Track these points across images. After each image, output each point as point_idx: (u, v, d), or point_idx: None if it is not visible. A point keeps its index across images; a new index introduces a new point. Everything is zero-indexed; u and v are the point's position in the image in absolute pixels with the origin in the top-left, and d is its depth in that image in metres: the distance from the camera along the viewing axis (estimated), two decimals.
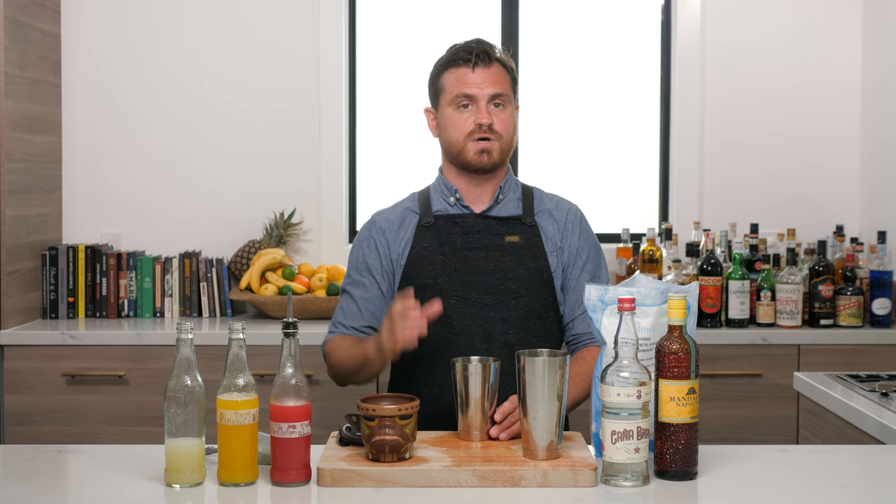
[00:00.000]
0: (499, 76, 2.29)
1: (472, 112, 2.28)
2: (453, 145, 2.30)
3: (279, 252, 3.76)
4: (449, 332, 2.25)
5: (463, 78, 2.28)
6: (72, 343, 3.42)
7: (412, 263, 2.30)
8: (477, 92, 2.27)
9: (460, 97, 2.28)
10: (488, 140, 2.27)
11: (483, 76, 2.27)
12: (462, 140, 2.29)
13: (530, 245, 2.31)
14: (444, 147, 2.35)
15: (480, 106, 2.27)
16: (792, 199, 4.00)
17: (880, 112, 3.88)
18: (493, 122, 2.27)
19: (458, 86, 2.28)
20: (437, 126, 2.35)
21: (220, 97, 3.96)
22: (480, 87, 2.27)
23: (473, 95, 2.27)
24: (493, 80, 2.28)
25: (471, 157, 2.28)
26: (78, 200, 3.95)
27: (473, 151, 2.28)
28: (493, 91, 2.27)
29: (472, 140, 2.27)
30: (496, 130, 2.27)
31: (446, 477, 1.75)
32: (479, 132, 2.27)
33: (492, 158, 2.28)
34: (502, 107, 2.29)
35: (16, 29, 3.51)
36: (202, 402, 1.75)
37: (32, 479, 1.81)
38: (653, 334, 1.88)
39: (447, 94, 2.30)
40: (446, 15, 4.11)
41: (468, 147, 2.28)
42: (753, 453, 1.96)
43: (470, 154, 2.28)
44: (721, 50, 4.00)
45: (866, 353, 3.47)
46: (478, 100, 2.27)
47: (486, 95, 2.27)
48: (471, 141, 2.28)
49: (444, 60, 2.33)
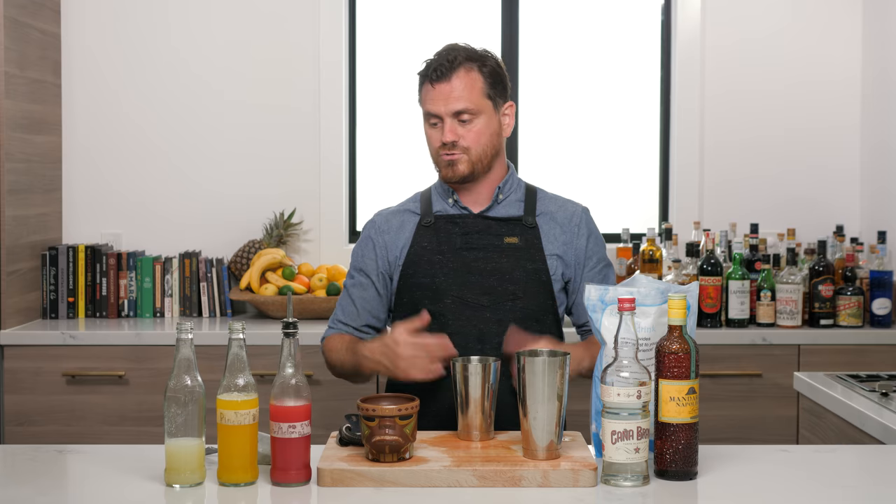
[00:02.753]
0: (463, 88, 2.25)
1: (439, 129, 2.28)
2: (432, 158, 2.34)
3: (279, 252, 3.76)
4: (444, 331, 2.25)
5: (426, 95, 2.29)
6: (72, 343, 3.42)
7: (410, 262, 2.31)
8: (440, 109, 2.26)
9: (428, 115, 2.29)
10: (453, 155, 2.28)
11: (442, 92, 2.25)
12: (434, 155, 2.32)
13: (529, 247, 2.31)
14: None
15: (445, 123, 2.26)
16: (792, 199, 4.00)
17: (880, 112, 3.88)
18: (457, 138, 2.26)
19: (425, 103, 2.30)
20: None
21: (221, 97, 3.96)
22: (441, 104, 2.25)
23: (437, 113, 2.26)
24: (456, 94, 2.24)
25: (442, 170, 2.32)
26: (78, 200, 3.95)
27: (443, 165, 2.31)
28: (455, 107, 2.25)
29: (441, 155, 2.29)
30: (462, 146, 2.27)
31: (446, 477, 1.75)
32: (444, 149, 2.28)
33: (458, 172, 2.28)
34: (469, 121, 2.26)
35: (16, 29, 3.51)
36: (202, 402, 1.75)
37: (32, 479, 1.81)
38: (653, 334, 1.88)
39: (422, 109, 2.32)
40: (446, 13, 4.11)
41: (440, 161, 2.31)
42: (753, 453, 1.96)
43: (441, 168, 2.32)
44: (721, 49, 4.00)
45: (866, 353, 3.47)
46: (442, 116, 2.26)
47: (448, 112, 2.25)
48: (440, 156, 2.30)
49: (420, 72, 2.32)
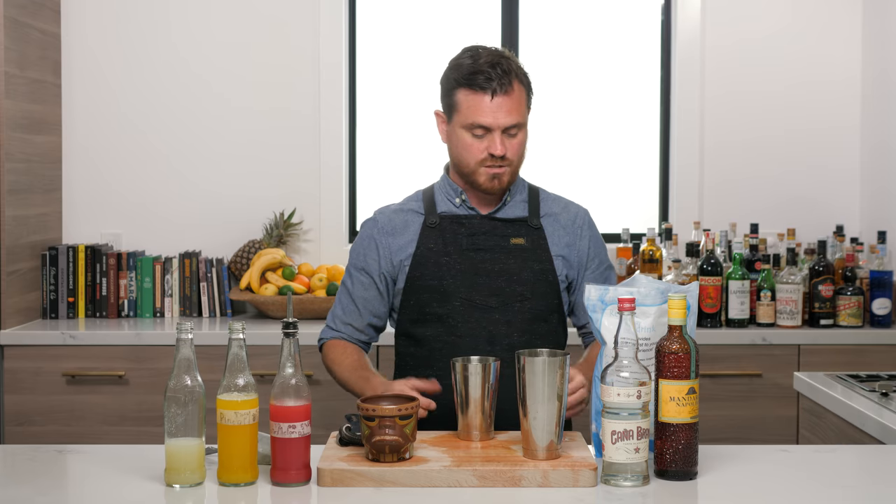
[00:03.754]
0: (515, 102, 2.22)
1: (485, 140, 2.22)
2: (464, 166, 2.27)
3: (279, 252, 3.76)
4: (453, 334, 2.25)
5: (479, 105, 2.20)
6: (72, 343, 3.42)
7: (417, 264, 2.29)
8: (493, 123, 2.20)
9: (475, 126, 2.22)
10: (500, 168, 2.24)
11: (500, 106, 2.20)
12: (474, 165, 2.25)
13: (536, 247, 2.30)
14: (453, 160, 2.31)
15: (495, 136, 2.21)
16: (792, 199, 4.00)
17: (880, 112, 3.88)
18: (506, 152, 2.23)
19: (474, 113, 2.21)
20: (448, 137, 2.30)
21: (221, 97, 3.96)
22: (496, 118, 2.20)
23: (490, 126, 2.21)
24: (510, 108, 2.20)
25: (482, 181, 2.26)
26: (78, 200, 3.95)
27: (485, 177, 2.25)
28: (509, 122, 2.21)
29: (485, 166, 2.24)
30: (508, 158, 2.24)
31: (446, 477, 1.75)
32: (490, 160, 2.23)
33: (502, 184, 2.26)
34: (515, 134, 2.24)
35: (16, 29, 3.51)
36: (202, 402, 1.75)
37: (32, 479, 1.81)
38: (653, 334, 1.88)
39: (461, 115, 2.23)
40: (446, 14, 4.11)
41: (480, 172, 2.25)
42: (753, 453, 1.96)
43: (481, 179, 2.26)
44: (721, 50, 4.00)
45: (866, 353, 3.47)
46: (493, 129, 2.21)
47: (501, 126, 2.21)
48: (483, 167, 2.24)
49: (462, 76, 2.23)
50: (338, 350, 2.34)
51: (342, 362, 2.30)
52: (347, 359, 2.29)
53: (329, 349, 2.36)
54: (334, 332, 2.38)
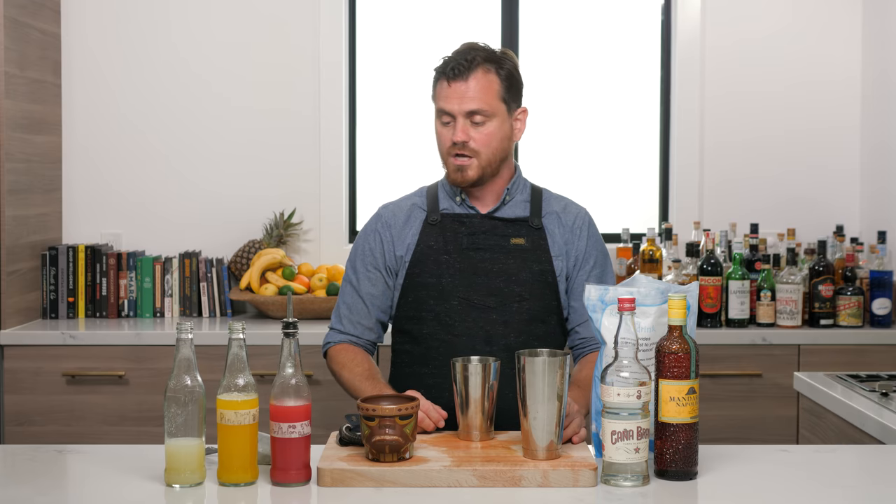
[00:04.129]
0: (478, 89, 2.21)
1: (451, 128, 2.24)
2: (441, 158, 2.30)
3: (279, 252, 3.76)
4: (450, 333, 2.25)
5: (441, 92, 2.25)
6: (72, 343, 3.42)
7: (417, 261, 2.29)
8: (454, 107, 2.22)
9: (441, 112, 2.25)
10: (464, 157, 2.24)
11: (457, 91, 2.21)
12: (444, 155, 2.28)
13: (536, 248, 2.30)
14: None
15: (457, 122, 2.22)
16: (792, 199, 4.00)
17: (880, 112, 3.88)
18: (468, 139, 2.22)
19: (439, 100, 2.25)
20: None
21: (221, 96, 3.96)
22: (456, 103, 2.21)
23: (451, 111, 2.22)
24: (471, 94, 2.21)
25: (450, 173, 2.28)
26: (78, 200, 3.95)
27: (452, 168, 2.26)
28: (470, 107, 2.21)
29: (451, 156, 2.25)
30: (472, 148, 2.23)
31: (446, 477, 1.75)
32: (454, 149, 2.24)
33: (466, 176, 2.25)
34: (482, 122, 2.22)
35: (16, 29, 3.51)
36: (202, 402, 1.75)
37: (32, 479, 1.81)
38: (653, 334, 1.88)
39: (435, 105, 2.28)
40: (446, 14, 4.11)
41: (448, 163, 2.27)
42: (753, 453, 1.96)
43: (449, 170, 2.27)
44: (721, 50, 4.00)
45: (866, 353, 3.47)
46: (455, 115, 2.22)
47: (462, 111, 2.21)
48: (450, 157, 2.26)
49: (436, 67, 2.28)
50: (347, 355, 2.29)
51: (353, 369, 2.24)
52: (358, 366, 2.25)
53: (337, 353, 2.32)
54: (342, 335, 2.35)
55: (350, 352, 2.30)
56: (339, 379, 2.30)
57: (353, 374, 2.24)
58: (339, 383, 2.30)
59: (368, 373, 2.22)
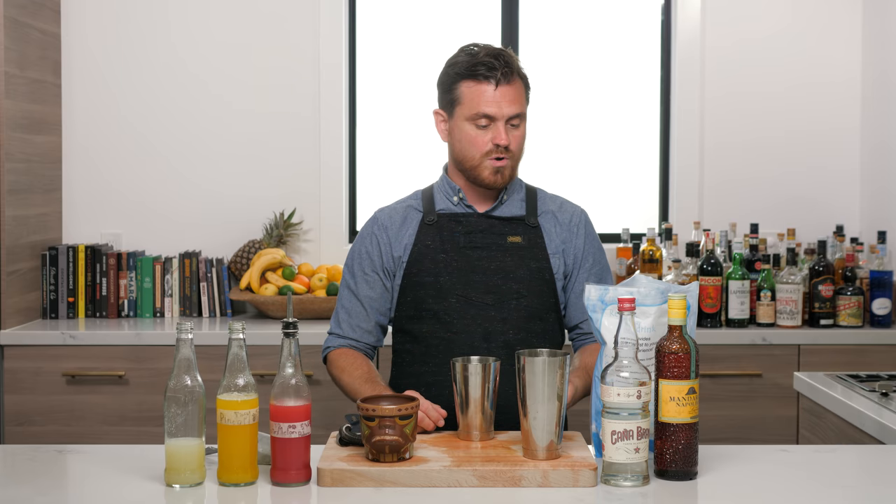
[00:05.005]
0: (518, 93, 2.25)
1: (489, 131, 2.24)
2: (467, 160, 2.27)
3: (279, 252, 3.76)
4: (449, 331, 2.25)
5: (483, 96, 2.22)
6: (72, 343, 3.43)
7: (414, 261, 2.29)
8: (497, 112, 2.22)
9: (479, 116, 2.23)
10: (503, 160, 2.25)
11: (504, 95, 2.22)
12: (478, 158, 2.26)
13: (532, 246, 2.30)
14: (456, 156, 2.31)
15: (499, 126, 2.23)
16: (792, 199, 4.00)
17: (880, 112, 3.88)
18: (509, 142, 2.24)
19: (479, 104, 2.23)
20: (449, 134, 2.31)
21: (221, 97, 3.96)
22: (501, 108, 2.22)
23: (494, 115, 2.22)
24: (513, 98, 2.23)
25: (485, 175, 2.26)
26: (78, 200, 3.95)
27: (489, 171, 2.26)
28: (513, 111, 2.23)
29: (490, 159, 2.25)
30: (511, 150, 2.25)
31: (446, 477, 1.75)
32: (496, 152, 2.24)
33: (505, 178, 2.28)
34: (518, 125, 2.26)
35: (16, 29, 3.51)
36: (202, 402, 1.75)
37: (32, 479, 1.81)
38: (653, 334, 1.89)
39: (464, 107, 2.25)
40: (446, 14, 4.11)
41: (484, 165, 2.26)
42: (753, 453, 1.96)
43: (485, 173, 2.26)
44: (721, 50, 4.00)
45: (866, 353, 3.47)
46: (497, 119, 2.23)
47: (505, 115, 2.23)
48: (487, 159, 2.25)
49: (463, 69, 2.25)
50: (347, 359, 2.28)
51: (352, 372, 2.24)
52: (358, 370, 2.24)
53: (336, 358, 2.31)
54: (341, 339, 2.34)
55: (349, 356, 2.30)
56: (338, 383, 2.29)
57: (353, 377, 2.23)
58: (339, 387, 2.29)
59: (368, 376, 2.21)
